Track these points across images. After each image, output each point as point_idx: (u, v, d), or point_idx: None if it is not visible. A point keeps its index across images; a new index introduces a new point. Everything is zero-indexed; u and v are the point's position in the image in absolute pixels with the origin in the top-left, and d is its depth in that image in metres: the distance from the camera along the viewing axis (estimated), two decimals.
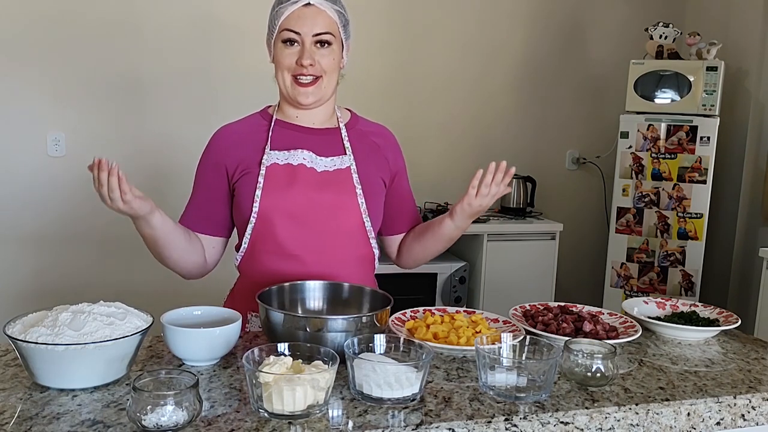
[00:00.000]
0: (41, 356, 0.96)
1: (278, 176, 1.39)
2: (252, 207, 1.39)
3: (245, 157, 1.42)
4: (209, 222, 1.47)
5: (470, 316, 1.37)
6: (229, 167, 1.43)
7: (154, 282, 3.15)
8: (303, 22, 1.37)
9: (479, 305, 3.30)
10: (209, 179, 1.46)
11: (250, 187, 1.40)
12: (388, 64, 3.51)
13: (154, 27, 3.14)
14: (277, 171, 1.40)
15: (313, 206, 1.39)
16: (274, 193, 1.38)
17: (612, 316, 1.44)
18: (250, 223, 1.40)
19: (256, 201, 1.39)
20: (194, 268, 1.46)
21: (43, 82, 3.03)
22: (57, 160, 3.09)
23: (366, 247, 1.48)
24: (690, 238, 3.36)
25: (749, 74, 3.53)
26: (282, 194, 1.38)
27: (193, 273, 1.48)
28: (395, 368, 0.99)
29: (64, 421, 0.90)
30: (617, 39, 3.85)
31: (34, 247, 3.10)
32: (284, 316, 1.11)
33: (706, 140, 3.29)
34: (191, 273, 1.47)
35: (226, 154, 1.44)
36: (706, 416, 1.06)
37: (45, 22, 2.99)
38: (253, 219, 1.40)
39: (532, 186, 3.70)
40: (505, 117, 3.77)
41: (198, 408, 0.89)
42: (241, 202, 1.42)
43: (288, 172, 1.40)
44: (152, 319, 1.10)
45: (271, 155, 1.41)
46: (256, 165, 1.41)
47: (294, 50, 1.39)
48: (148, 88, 3.18)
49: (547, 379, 1.02)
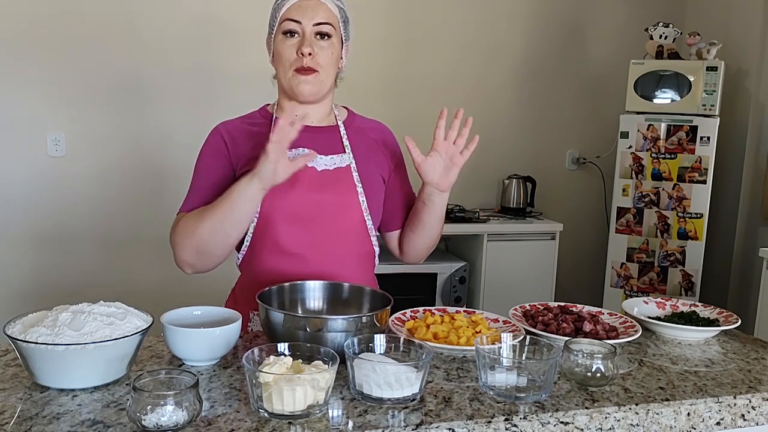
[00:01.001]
0: (41, 356, 0.96)
1: None
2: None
3: (247, 153, 1.42)
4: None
5: (470, 316, 1.37)
6: (233, 160, 1.42)
7: (154, 282, 3.15)
8: (304, 12, 1.38)
9: (479, 305, 3.30)
10: (215, 165, 1.43)
11: None
12: (388, 64, 3.51)
13: (154, 27, 3.14)
14: None
15: (314, 206, 1.39)
16: (276, 193, 1.38)
17: (612, 316, 1.44)
18: (251, 223, 1.40)
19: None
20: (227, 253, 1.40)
21: (43, 82, 3.03)
22: (57, 160, 3.09)
23: (367, 245, 1.48)
24: (690, 238, 3.36)
25: (749, 74, 3.53)
26: (283, 194, 1.38)
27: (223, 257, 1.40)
28: (395, 368, 0.99)
29: (64, 421, 0.90)
30: (617, 39, 3.85)
31: (34, 247, 3.10)
32: (284, 316, 1.11)
33: (706, 140, 3.29)
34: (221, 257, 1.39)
35: (230, 146, 1.43)
36: (706, 416, 1.06)
37: (45, 22, 2.99)
38: (255, 219, 1.39)
39: (532, 186, 3.70)
40: (505, 117, 3.77)
41: (198, 408, 0.89)
42: None
43: None
44: (152, 319, 1.10)
45: None
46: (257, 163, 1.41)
47: (294, 41, 1.39)
48: (148, 87, 3.18)
49: (547, 379, 1.02)
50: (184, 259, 1.37)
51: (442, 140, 1.38)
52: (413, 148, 1.37)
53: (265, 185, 1.26)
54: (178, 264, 1.40)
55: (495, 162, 3.76)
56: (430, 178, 1.40)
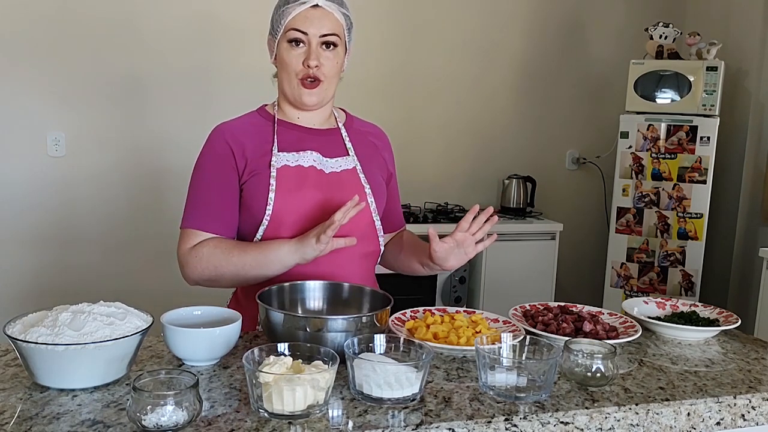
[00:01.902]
0: (41, 356, 0.96)
1: (289, 178, 1.38)
2: (265, 209, 1.37)
3: (251, 156, 1.40)
4: (222, 221, 1.40)
5: (470, 316, 1.37)
6: (239, 163, 1.40)
7: (154, 282, 3.15)
8: (310, 23, 1.37)
9: (479, 305, 3.30)
10: (221, 175, 1.40)
11: (262, 189, 1.37)
12: (388, 64, 3.51)
13: (154, 27, 3.14)
14: (288, 173, 1.39)
15: (324, 207, 1.39)
16: (287, 196, 1.37)
17: (612, 316, 1.44)
18: (262, 225, 1.38)
19: (269, 204, 1.36)
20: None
21: (43, 82, 3.03)
22: (57, 160, 3.09)
23: (374, 244, 1.49)
24: (690, 238, 3.36)
25: (749, 74, 3.53)
26: (294, 196, 1.37)
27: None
28: (395, 368, 0.99)
29: (64, 421, 0.90)
30: (617, 39, 3.85)
31: (34, 247, 3.10)
32: (284, 316, 1.11)
33: (706, 140, 3.29)
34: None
35: (234, 149, 1.40)
36: (706, 416, 1.06)
37: (45, 22, 2.99)
38: (266, 221, 1.38)
39: (532, 186, 3.71)
40: (504, 117, 3.77)
41: (198, 408, 0.89)
42: (251, 204, 1.39)
43: (299, 174, 1.39)
44: (152, 319, 1.10)
45: (280, 156, 1.40)
46: (265, 166, 1.39)
47: (300, 51, 1.38)
48: (148, 88, 3.18)
49: (547, 379, 1.02)
50: (193, 279, 1.40)
51: (464, 231, 1.34)
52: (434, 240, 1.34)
53: (304, 262, 1.32)
54: (184, 277, 1.41)
55: (495, 162, 3.76)
56: (440, 262, 1.37)
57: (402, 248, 1.54)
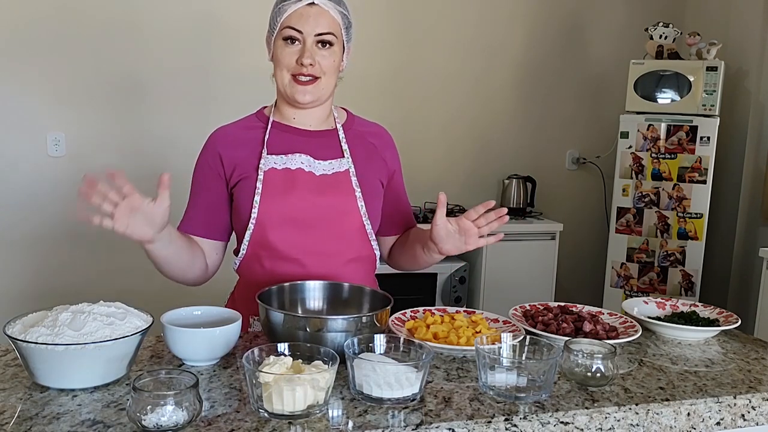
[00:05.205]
0: (41, 356, 0.96)
1: (276, 181, 1.38)
2: (251, 213, 1.38)
3: (242, 160, 1.41)
4: (210, 226, 1.45)
5: (470, 316, 1.37)
6: (227, 170, 1.42)
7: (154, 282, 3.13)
8: (306, 21, 1.36)
9: (479, 305, 3.30)
10: (208, 182, 1.44)
11: (249, 193, 1.38)
12: (388, 64, 3.51)
13: (154, 27, 3.14)
14: (275, 176, 1.39)
15: (312, 210, 1.38)
16: (273, 199, 1.37)
17: (612, 316, 1.44)
18: (248, 229, 1.39)
19: (254, 207, 1.37)
20: (197, 277, 1.45)
21: (43, 82, 3.03)
22: (57, 160, 3.09)
23: (366, 248, 1.47)
24: (690, 238, 3.36)
25: (749, 74, 3.53)
26: (281, 199, 1.37)
27: (197, 281, 1.46)
28: (395, 368, 0.99)
29: (64, 421, 0.90)
30: (617, 39, 3.85)
31: (34, 247, 3.10)
32: (284, 316, 1.11)
33: (706, 140, 3.29)
34: (194, 282, 1.46)
35: (223, 156, 1.42)
36: (706, 416, 1.06)
37: (45, 22, 2.99)
38: (252, 225, 1.38)
39: (532, 186, 3.71)
40: (505, 117, 3.77)
41: (198, 408, 0.89)
42: (239, 207, 1.40)
43: (286, 177, 1.39)
44: (152, 319, 1.10)
45: (268, 159, 1.40)
46: (253, 170, 1.40)
47: (295, 49, 1.38)
48: (147, 88, 3.18)
49: (547, 379, 1.02)
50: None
51: (470, 220, 1.33)
52: (442, 206, 1.33)
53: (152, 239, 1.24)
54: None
55: (495, 162, 3.76)
56: (437, 240, 1.35)
57: (407, 238, 1.54)
